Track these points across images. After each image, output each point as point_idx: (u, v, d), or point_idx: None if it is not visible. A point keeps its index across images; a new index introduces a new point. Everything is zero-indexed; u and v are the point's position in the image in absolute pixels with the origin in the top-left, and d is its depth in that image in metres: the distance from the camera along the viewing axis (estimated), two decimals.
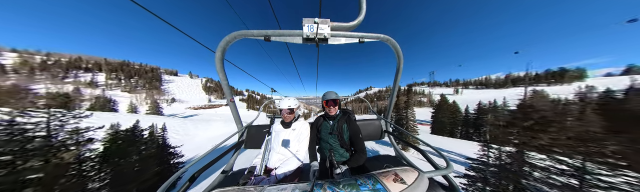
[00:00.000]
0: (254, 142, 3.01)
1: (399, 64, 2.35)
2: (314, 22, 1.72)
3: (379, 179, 1.08)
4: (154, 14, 1.87)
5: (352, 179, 1.13)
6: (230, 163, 2.68)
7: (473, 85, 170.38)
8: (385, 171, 1.18)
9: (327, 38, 1.84)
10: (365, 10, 1.86)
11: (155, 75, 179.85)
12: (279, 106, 2.42)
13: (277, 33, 1.82)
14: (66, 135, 10.03)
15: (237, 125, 2.87)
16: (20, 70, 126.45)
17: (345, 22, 1.87)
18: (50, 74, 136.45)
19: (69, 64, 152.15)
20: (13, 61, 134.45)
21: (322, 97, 2.56)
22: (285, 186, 1.09)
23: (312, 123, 2.63)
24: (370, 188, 1.01)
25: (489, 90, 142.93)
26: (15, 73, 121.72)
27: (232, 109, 2.67)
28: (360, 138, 2.32)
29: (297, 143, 2.36)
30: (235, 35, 1.80)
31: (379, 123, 3.25)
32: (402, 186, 1.03)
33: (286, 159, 2.27)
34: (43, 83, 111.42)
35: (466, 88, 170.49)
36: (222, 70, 2.06)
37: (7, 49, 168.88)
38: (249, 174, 2.01)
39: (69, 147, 10.00)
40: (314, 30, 1.76)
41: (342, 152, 2.40)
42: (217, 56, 1.91)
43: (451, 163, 1.46)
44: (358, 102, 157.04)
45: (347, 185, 1.05)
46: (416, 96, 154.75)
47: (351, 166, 2.16)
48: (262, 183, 1.87)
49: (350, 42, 1.97)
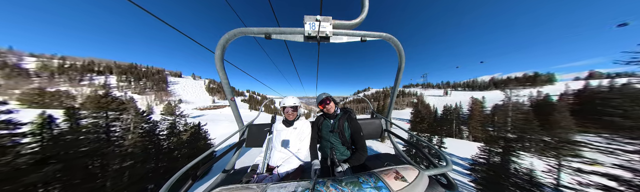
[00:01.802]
0: (255, 141, 2.99)
1: (400, 63, 2.33)
2: (316, 19, 1.70)
3: (381, 177, 1.08)
4: (154, 15, 2.05)
5: (354, 177, 1.13)
6: (232, 162, 2.65)
7: (462, 87, 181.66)
8: (386, 169, 1.18)
9: (329, 36, 1.80)
10: (367, 8, 1.79)
11: (161, 77, 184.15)
12: (283, 104, 2.40)
13: (278, 31, 1.78)
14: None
15: (238, 124, 2.88)
16: (42, 74, 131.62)
17: (347, 20, 1.82)
18: (68, 77, 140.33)
19: (83, 68, 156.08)
20: (35, 65, 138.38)
21: (316, 100, 2.55)
22: (288, 183, 1.09)
23: (313, 122, 2.61)
24: (372, 186, 1.02)
25: (474, 93, 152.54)
26: (38, 77, 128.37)
27: (232, 108, 2.64)
28: (361, 136, 2.29)
29: (299, 142, 2.33)
30: (235, 33, 1.76)
31: (379, 122, 3.25)
32: (403, 183, 1.04)
33: (288, 158, 2.24)
34: (64, 86, 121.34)
35: (455, 90, 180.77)
36: (222, 69, 2.02)
37: (25, 53, 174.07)
38: (251, 173, 2.03)
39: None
40: (315, 28, 1.73)
41: (343, 151, 2.36)
42: (217, 54, 1.86)
43: (450, 161, 1.50)
44: (356, 102, 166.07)
45: (350, 183, 1.05)
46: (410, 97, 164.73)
47: (352, 164, 2.12)
48: (265, 181, 1.86)
49: (351, 41, 1.93)
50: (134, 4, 1.46)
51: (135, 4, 1.47)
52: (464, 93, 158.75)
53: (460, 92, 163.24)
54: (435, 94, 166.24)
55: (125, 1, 1.47)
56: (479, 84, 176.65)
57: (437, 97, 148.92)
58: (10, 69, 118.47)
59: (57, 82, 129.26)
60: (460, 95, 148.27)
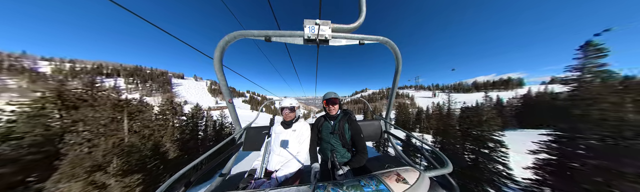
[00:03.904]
0: (252, 145, 2.90)
1: (397, 65, 2.33)
2: (315, 23, 1.71)
3: (382, 180, 1.07)
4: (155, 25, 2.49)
5: (355, 180, 1.11)
6: (228, 166, 2.54)
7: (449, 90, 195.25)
8: (387, 171, 1.17)
9: (328, 39, 1.81)
10: (365, 13, 1.82)
11: (165, 79, 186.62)
12: (280, 104, 2.36)
13: (278, 33, 1.77)
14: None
15: (236, 127, 2.80)
16: (57, 78, 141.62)
17: (346, 24, 1.85)
18: (81, 81, 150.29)
19: (93, 71, 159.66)
20: (50, 69, 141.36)
21: (323, 97, 2.49)
22: (287, 189, 1.06)
23: (313, 124, 2.53)
24: (373, 189, 1.00)
25: (459, 95, 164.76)
26: (53, 80, 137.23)
27: (230, 110, 2.57)
28: (362, 138, 2.23)
29: (298, 144, 2.26)
30: (235, 35, 1.73)
31: (379, 124, 3.23)
32: (405, 186, 1.03)
33: (287, 161, 2.16)
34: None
35: (443, 92, 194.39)
36: (220, 70, 1.99)
37: (38, 57, 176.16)
38: (249, 178, 1.92)
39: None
40: (315, 32, 1.74)
41: (343, 153, 2.30)
42: (216, 56, 1.83)
43: (449, 162, 1.48)
44: (353, 103, 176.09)
45: (351, 186, 1.03)
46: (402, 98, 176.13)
47: (353, 166, 2.06)
48: (263, 186, 1.79)
49: (350, 44, 1.94)
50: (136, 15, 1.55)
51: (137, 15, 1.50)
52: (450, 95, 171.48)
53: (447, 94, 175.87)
54: (425, 96, 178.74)
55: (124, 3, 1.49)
56: (463, 87, 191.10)
57: (425, 99, 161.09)
58: (29, 73, 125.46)
59: (71, 85, 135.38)
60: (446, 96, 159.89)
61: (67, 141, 9.72)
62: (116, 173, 10.06)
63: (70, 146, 9.71)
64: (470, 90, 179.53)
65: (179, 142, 17.58)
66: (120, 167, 10.33)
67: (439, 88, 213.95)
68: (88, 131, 10.56)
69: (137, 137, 13.52)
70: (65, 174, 8.55)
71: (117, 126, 12.40)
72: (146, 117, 15.47)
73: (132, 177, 10.41)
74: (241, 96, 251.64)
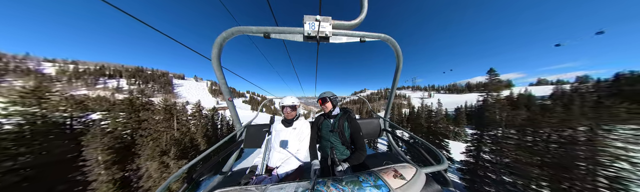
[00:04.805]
0: (253, 142, 2.91)
1: (398, 63, 2.32)
2: (316, 19, 1.65)
3: (380, 176, 1.09)
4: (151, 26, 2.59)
5: (354, 176, 1.12)
6: (229, 163, 2.56)
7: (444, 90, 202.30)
8: (385, 168, 1.19)
9: (328, 36, 1.76)
10: (366, 9, 1.77)
11: (166, 79, 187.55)
12: (282, 103, 2.34)
13: (277, 30, 1.71)
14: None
15: (236, 124, 2.82)
16: (61, 79, 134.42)
17: (347, 21, 1.78)
18: (84, 81, 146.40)
19: (96, 72, 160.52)
20: (54, 70, 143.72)
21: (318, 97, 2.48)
22: (287, 184, 1.07)
23: (313, 122, 2.54)
24: (372, 184, 1.02)
25: (453, 95, 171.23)
26: (58, 81, 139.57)
27: (230, 109, 2.56)
28: (361, 136, 2.24)
29: (298, 142, 2.26)
30: (233, 31, 1.68)
31: (378, 122, 3.25)
32: (402, 181, 1.05)
33: (287, 158, 2.16)
34: (83, 90, 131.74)
35: (438, 92, 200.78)
36: (219, 68, 1.94)
37: (41, 58, 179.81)
38: (250, 174, 1.92)
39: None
40: (315, 28, 1.68)
41: (342, 150, 2.31)
42: (213, 53, 1.78)
43: (445, 160, 1.52)
44: (352, 103, 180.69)
45: (350, 182, 1.05)
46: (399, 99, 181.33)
47: (352, 163, 2.07)
48: (264, 183, 1.80)
49: (351, 41, 1.88)
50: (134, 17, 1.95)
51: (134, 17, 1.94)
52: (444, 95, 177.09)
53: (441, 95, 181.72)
54: (421, 96, 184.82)
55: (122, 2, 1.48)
56: (457, 88, 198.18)
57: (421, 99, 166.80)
58: (35, 74, 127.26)
59: (76, 86, 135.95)
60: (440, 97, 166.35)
61: (139, 135, 14.32)
62: (174, 157, 14.66)
63: (140, 138, 14.29)
64: (463, 91, 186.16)
65: (206, 137, 22.21)
66: (175, 154, 14.95)
67: (434, 89, 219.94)
68: (149, 128, 15.13)
69: (178, 133, 18.10)
70: (149, 156, 13.09)
71: (169, 124, 16.95)
72: (183, 118, 20.06)
73: (182, 161, 15.04)
74: (241, 96, 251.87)
